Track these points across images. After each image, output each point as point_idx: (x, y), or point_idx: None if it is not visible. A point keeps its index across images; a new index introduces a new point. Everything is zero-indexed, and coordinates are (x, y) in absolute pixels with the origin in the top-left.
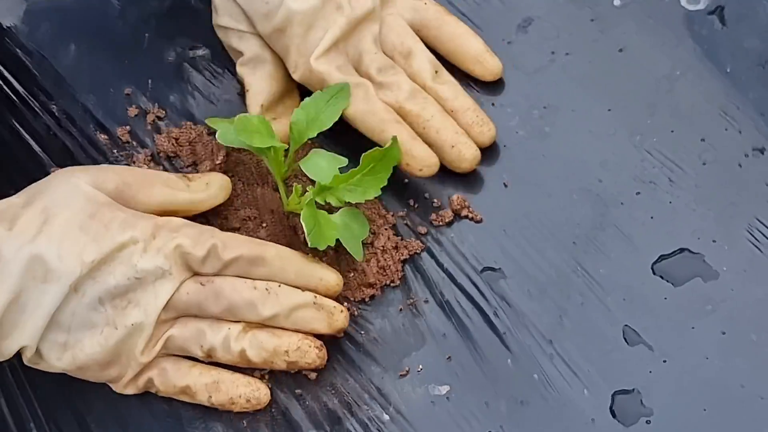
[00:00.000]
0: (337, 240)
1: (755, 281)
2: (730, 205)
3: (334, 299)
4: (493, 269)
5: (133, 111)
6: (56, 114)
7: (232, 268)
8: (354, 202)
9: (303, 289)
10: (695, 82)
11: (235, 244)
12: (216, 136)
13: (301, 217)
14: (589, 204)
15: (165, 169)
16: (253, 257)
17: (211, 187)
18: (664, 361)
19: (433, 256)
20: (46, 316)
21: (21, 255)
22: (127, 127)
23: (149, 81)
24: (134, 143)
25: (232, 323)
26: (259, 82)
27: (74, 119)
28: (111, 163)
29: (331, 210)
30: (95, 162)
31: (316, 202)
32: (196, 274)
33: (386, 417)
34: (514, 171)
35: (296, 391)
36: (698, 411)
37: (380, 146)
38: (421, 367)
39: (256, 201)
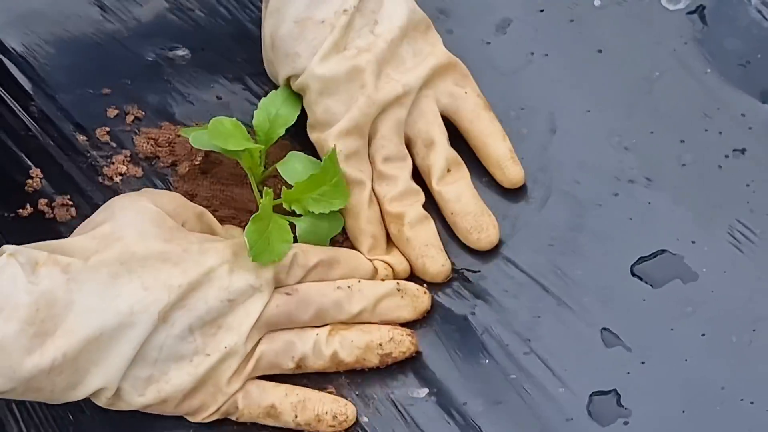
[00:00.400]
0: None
1: (735, 282)
2: (710, 206)
3: None
4: (470, 270)
5: (112, 112)
6: (35, 114)
7: (312, 274)
8: (317, 212)
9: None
10: (675, 83)
11: (311, 250)
12: (190, 140)
13: (244, 233)
14: (566, 205)
15: (143, 170)
16: (330, 259)
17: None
18: (643, 363)
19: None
20: (130, 352)
21: (102, 289)
22: (106, 128)
23: (128, 81)
24: (113, 144)
25: (319, 328)
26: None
27: (52, 120)
28: (90, 164)
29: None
30: (74, 163)
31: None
32: (278, 286)
33: (365, 419)
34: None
35: None
36: (677, 412)
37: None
38: (396, 366)
39: (234, 201)
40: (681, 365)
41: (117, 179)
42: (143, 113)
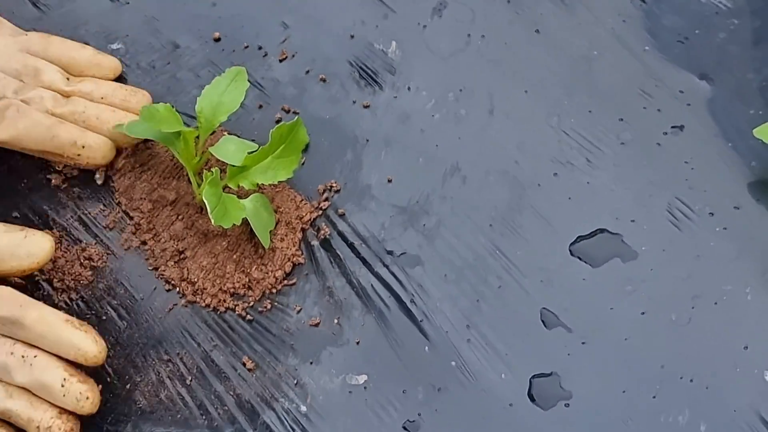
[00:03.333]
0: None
1: (674, 260)
2: (648, 184)
3: (99, 365)
4: (409, 254)
5: None
6: None
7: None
8: (267, 184)
9: (64, 356)
10: (613, 62)
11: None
12: (125, 130)
13: (203, 195)
14: (506, 186)
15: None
16: (12, 319)
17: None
18: (583, 343)
19: (348, 242)
20: None
21: None
22: None
23: None
24: None
25: None
26: None
27: None
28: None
29: (240, 198)
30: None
31: (228, 187)
32: None
33: (303, 408)
34: (430, 154)
35: (214, 386)
36: (617, 393)
37: (58, 155)
38: (335, 355)
39: (172, 193)
40: (621, 345)
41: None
42: None
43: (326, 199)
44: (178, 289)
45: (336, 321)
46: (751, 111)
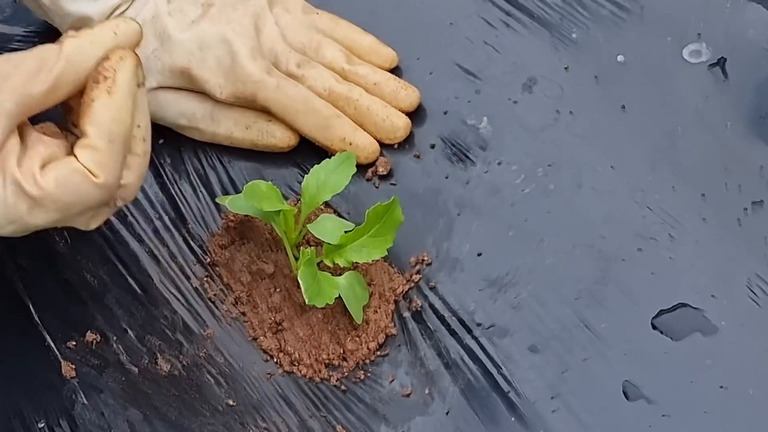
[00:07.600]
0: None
1: (754, 335)
2: (729, 260)
3: None
4: (498, 326)
5: None
6: None
7: None
8: (361, 262)
9: None
10: (696, 138)
11: None
12: (227, 204)
13: (298, 275)
14: (591, 259)
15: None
16: None
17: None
18: (664, 416)
19: (438, 315)
20: None
21: None
22: None
23: None
24: None
25: None
26: None
27: None
28: None
29: (335, 274)
30: None
31: (323, 263)
32: None
33: None
34: (519, 227)
35: None
36: None
37: (326, 145)
38: (426, 425)
39: (270, 266)
40: (701, 418)
41: None
42: None
43: (418, 272)
44: (275, 359)
45: (427, 391)
46: None
